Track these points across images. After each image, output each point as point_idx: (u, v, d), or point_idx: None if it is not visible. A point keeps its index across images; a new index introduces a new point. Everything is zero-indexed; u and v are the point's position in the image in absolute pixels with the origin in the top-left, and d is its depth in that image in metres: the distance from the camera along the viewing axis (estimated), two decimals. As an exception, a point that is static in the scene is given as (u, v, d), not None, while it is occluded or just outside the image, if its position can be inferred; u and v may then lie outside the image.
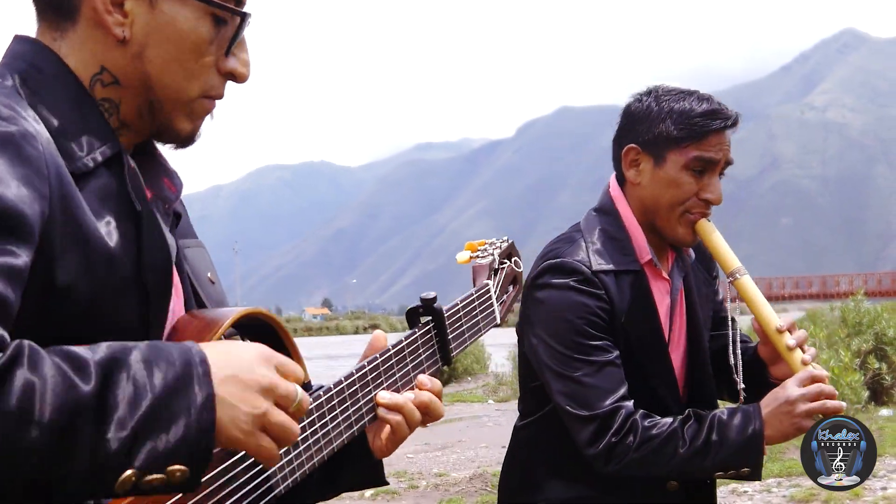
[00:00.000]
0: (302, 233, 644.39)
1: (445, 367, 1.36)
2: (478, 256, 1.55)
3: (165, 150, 1.17)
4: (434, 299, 1.32)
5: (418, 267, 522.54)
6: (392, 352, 1.24)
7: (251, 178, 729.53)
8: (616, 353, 1.94)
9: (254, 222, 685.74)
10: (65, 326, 0.93)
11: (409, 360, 1.26)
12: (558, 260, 1.96)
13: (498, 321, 1.51)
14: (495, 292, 1.51)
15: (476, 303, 1.45)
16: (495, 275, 1.54)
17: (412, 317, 1.32)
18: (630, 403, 1.91)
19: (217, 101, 1.14)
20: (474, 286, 1.49)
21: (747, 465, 1.88)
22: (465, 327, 1.40)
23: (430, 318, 1.32)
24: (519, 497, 2.09)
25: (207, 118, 1.14)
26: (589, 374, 1.90)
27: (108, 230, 0.97)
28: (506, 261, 1.59)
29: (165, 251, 1.05)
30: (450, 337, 1.35)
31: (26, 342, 0.82)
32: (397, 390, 1.23)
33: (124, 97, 1.08)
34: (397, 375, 1.24)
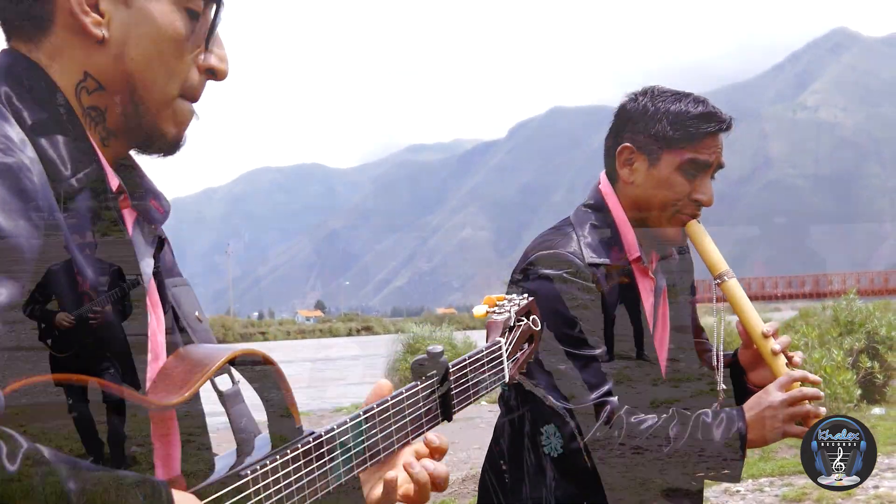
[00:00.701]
0: (295, 235, 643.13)
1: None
2: (494, 312, 1.52)
3: (153, 162, 1.16)
4: (441, 353, 1.29)
5: (412, 269, 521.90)
6: (390, 402, 1.21)
7: (244, 181, 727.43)
8: (603, 348, 1.93)
9: (246, 225, 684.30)
10: (56, 347, 0.96)
11: (407, 412, 1.24)
12: (551, 251, 1.96)
13: (506, 379, 1.48)
14: (507, 350, 1.48)
15: (485, 360, 1.42)
16: (510, 332, 1.51)
17: (417, 369, 1.29)
18: (615, 399, 1.91)
19: (195, 105, 1.14)
20: (486, 342, 1.47)
21: (728, 467, 1.90)
22: (470, 384, 1.37)
23: (434, 371, 1.29)
24: (502, 493, 2.06)
25: (193, 121, 1.15)
26: (576, 368, 1.89)
27: (90, 255, 0.99)
28: (523, 319, 1.56)
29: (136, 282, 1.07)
30: (453, 393, 1.31)
31: (35, 447, 0.83)
32: (392, 443, 1.21)
33: (110, 103, 1.08)
34: (393, 428, 1.21)
